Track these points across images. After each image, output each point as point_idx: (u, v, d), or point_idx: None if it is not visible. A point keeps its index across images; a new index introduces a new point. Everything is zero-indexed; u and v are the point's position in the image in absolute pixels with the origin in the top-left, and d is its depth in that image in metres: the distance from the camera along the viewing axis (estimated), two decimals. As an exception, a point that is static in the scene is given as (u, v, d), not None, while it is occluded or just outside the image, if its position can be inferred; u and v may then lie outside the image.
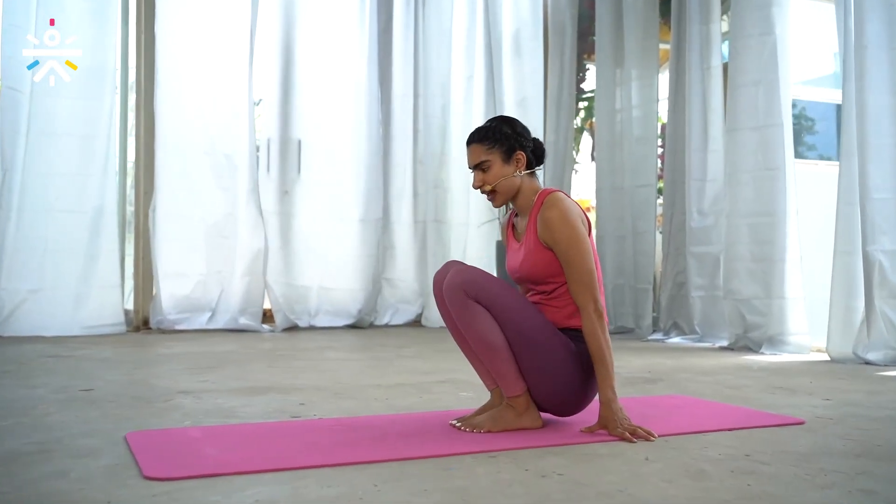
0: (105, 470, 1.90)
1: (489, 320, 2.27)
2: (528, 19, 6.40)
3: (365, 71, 6.08)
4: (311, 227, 5.93)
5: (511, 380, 2.33)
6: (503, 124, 2.47)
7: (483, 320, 2.27)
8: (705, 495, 1.72)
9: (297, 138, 5.90)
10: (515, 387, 2.33)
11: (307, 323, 5.89)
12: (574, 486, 1.79)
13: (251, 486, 1.77)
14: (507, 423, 2.33)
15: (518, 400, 2.34)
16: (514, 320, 2.28)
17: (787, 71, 4.66)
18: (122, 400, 2.85)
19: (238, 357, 4.19)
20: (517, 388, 2.33)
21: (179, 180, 5.51)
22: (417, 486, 1.78)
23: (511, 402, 2.34)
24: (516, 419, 2.34)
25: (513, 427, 2.32)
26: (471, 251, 6.25)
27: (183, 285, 5.52)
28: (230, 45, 5.63)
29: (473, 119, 6.35)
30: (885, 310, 4.03)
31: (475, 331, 2.29)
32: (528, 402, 2.35)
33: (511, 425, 2.32)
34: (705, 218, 5.10)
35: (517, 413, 2.34)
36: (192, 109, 5.53)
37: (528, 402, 2.35)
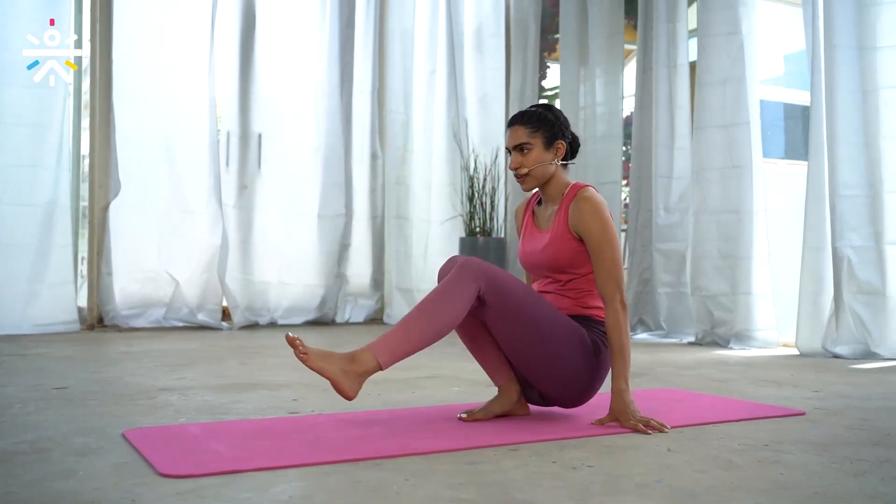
0: (114, 468, 1.80)
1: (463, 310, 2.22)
2: (489, 15, 6.38)
3: (326, 65, 5.98)
4: (271, 222, 5.80)
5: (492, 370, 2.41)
6: (548, 111, 2.48)
7: (461, 306, 2.21)
8: (743, 484, 1.70)
9: (257, 132, 5.76)
10: (498, 376, 2.41)
11: (267, 320, 5.76)
12: (608, 477, 1.75)
13: (277, 481, 1.70)
14: (496, 410, 2.38)
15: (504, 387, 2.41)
16: (530, 312, 2.25)
17: (754, 70, 4.73)
18: (104, 398, 2.72)
19: (206, 354, 4.06)
20: (499, 378, 2.40)
21: (136, 174, 5.34)
22: (449, 479, 1.73)
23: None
24: (501, 405, 2.39)
25: (499, 412, 2.37)
26: (432, 248, 6.20)
27: (139, 282, 5.35)
28: (190, 36, 5.48)
29: (436, 115, 6.31)
30: (854, 305, 4.12)
31: (450, 307, 2.20)
32: (514, 389, 2.40)
33: (497, 411, 2.38)
34: (671, 215, 5.14)
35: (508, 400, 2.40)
36: (149, 101, 5.36)
37: (514, 390, 2.40)
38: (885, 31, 4.15)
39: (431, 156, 6.28)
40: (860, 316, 4.10)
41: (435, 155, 6.29)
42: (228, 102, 5.72)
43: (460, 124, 6.14)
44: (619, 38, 5.66)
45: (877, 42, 4.16)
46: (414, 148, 6.25)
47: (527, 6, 6.28)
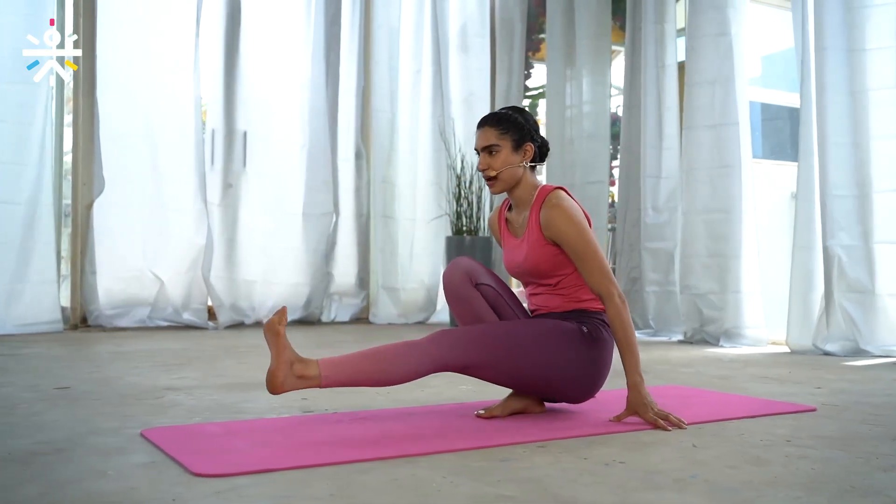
0: (144, 468, 1.77)
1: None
2: (474, 14, 6.39)
3: (311, 63, 5.94)
4: (256, 220, 5.75)
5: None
6: (518, 114, 2.49)
7: (413, 373, 2.21)
8: (778, 479, 1.71)
9: (242, 130, 5.71)
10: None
11: (252, 319, 5.71)
12: (644, 473, 1.76)
13: (313, 480, 1.68)
14: (513, 407, 2.39)
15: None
16: (511, 352, 2.26)
17: (743, 70, 4.78)
18: (109, 398, 2.68)
19: (199, 354, 4.02)
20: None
21: (120, 172, 5.27)
22: (486, 476, 1.72)
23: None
24: (518, 403, 2.40)
25: (517, 410, 2.39)
26: (418, 247, 6.19)
27: (123, 281, 5.28)
28: (175, 32, 5.41)
29: (421, 114, 6.30)
30: (844, 303, 4.17)
31: (405, 369, 2.21)
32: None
33: (514, 408, 2.39)
34: (660, 214, 5.18)
35: (524, 397, 2.41)
36: (134, 97, 5.29)
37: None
38: (874, 33, 4.21)
39: (417, 155, 6.27)
40: (850, 314, 4.16)
41: (420, 154, 6.28)
42: (214, 100, 5.66)
43: (447, 123, 6.13)
44: (607, 38, 5.69)
45: (865, 44, 4.22)
46: (400, 147, 6.23)
47: (512, 6, 6.29)
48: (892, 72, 4.17)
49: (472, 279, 2.38)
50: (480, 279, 2.39)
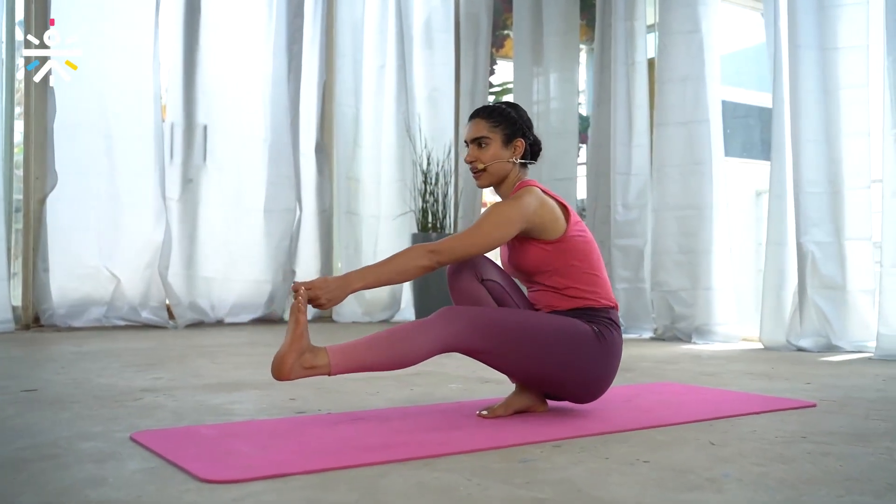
0: (144, 474, 1.65)
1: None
2: (438, 9, 6.31)
3: (272, 55, 5.80)
4: (217, 216, 5.61)
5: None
6: (512, 109, 2.42)
7: (426, 351, 2.14)
8: (812, 477, 1.67)
9: (202, 123, 5.54)
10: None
11: (212, 317, 5.55)
12: (674, 472, 1.70)
13: (332, 484, 1.58)
14: (516, 406, 2.31)
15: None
16: (521, 340, 2.18)
17: (714, 68, 4.79)
18: (85, 400, 2.53)
19: (166, 354, 3.86)
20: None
21: (75, 165, 5.07)
22: (512, 478, 1.64)
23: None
24: (522, 401, 2.32)
25: (520, 408, 2.31)
26: (383, 244, 6.09)
27: (78, 279, 5.10)
28: (132, 21, 5.24)
29: (385, 109, 6.20)
30: (817, 299, 4.20)
31: (417, 347, 2.13)
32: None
33: (517, 407, 2.31)
34: (630, 211, 5.16)
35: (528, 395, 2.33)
36: (90, 89, 5.09)
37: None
38: (846, 32, 4.24)
39: (381, 150, 6.17)
40: (822, 310, 4.18)
41: (385, 149, 6.18)
42: (173, 92, 5.49)
43: (412, 119, 6.04)
44: (575, 35, 5.67)
45: (838, 43, 4.25)
46: (364, 142, 6.13)
47: (478, 1, 6.22)
48: (863, 70, 4.20)
49: (477, 274, 2.29)
50: (486, 274, 2.30)
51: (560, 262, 2.28)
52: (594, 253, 2.34)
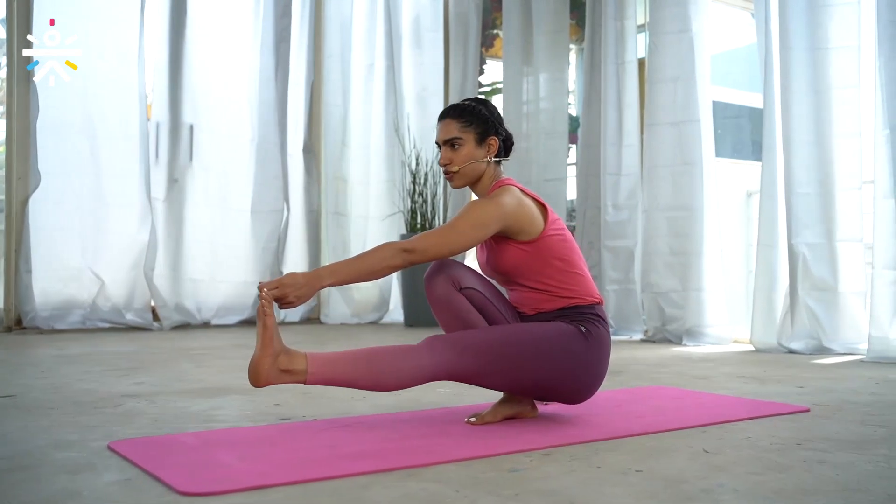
0: (121, 486, 1.60)
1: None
2: (427, 8, 6.26)
3: (260, 55, 5.74)
4: (203, 217, 5.54)
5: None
6: (482, 106, 2.35)
7: (407, 380, 2.10)
8: (810, 488, 1.63)
9: (188, 123, 5.47)
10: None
11: (198, 319, 5.48)
12: (666, 482, 1.65)
13: (317, 497, 1.53)
14: (505, 412, 2.26)
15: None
16: (506, 356, 2.14)
17: (705, 68, 4.75)
18: (64, 407, 2.47)
19: (150, 357, 3.80)
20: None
21: (58, 165, 5.00)
22: (502, 489, 1.59)
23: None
24: (511, 408, 2.27)
25: (509, 415, 2.26)
26: (371, 245, 6.01)
27: (61, 280, 5.03)
28: (117, 20, 5.16)
29: (374, 109, 6.14)
30: (808, 301, 4.17)
31: (398, 375, 2.10)
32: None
33: (506, 414, 2.26)
34: (620, 212, 5.12)
35: (517, 401, 2.28)
36: (73, 87, 5.02)
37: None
38: (837, 32, 4.21)
39: (370, 150, 6.12)
40: (814, 311, 4.15)
41: (373, 149, 6.13)
42: (158, 91, 5.42)
43: (401, 119, 5.99)
44: (564, 34, 5.63)
45: (829, 43, 4.22)
46: (352, 142, 6.08)
47: (466, 0, 6.18)
48: (855, 70, 4.17)
49: (455, 283, 2.20)
50: (464, 282, 2.21)
51: (539, 263, 2.23)
52: (574, 251, 2.29)
